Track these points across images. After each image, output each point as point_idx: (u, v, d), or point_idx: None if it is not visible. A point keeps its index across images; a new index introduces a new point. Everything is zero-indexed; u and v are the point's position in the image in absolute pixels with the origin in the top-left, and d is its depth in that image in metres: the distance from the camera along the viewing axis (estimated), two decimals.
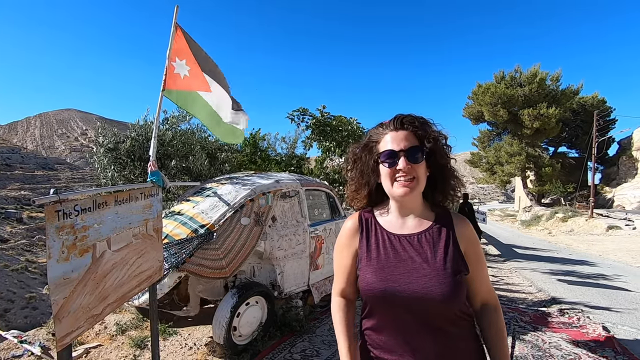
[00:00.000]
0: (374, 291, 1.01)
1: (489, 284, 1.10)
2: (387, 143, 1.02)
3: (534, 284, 6.45)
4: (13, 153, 40.22)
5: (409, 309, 0.98)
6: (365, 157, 1.09)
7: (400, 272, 1.00)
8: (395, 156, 1.00)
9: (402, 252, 1.03)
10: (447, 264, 0.98)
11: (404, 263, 1.01)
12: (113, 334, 3.48)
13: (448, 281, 0.96)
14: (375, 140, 1.06)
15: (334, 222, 4.38)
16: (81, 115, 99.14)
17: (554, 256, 10.87)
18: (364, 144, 1.10)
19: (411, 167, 0.99)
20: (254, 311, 3.15)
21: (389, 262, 1.03)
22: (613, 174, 30.31)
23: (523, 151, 28.17)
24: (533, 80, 27.04)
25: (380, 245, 1.06)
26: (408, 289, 0.97)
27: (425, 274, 0.98)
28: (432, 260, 1.00)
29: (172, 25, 2.82)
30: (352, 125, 7.51)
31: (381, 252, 1.05)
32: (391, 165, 1.01)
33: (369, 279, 1.03)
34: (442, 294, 0.95)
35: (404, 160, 0.99)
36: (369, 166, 1.08)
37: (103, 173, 4.85)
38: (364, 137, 1.13)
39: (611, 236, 16.63)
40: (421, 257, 1.01)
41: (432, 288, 0.96)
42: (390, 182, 1.02)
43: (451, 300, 0.96)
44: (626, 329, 4.11)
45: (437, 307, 0.96)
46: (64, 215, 1.62)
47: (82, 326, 1.75)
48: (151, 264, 2.41)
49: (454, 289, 0.96)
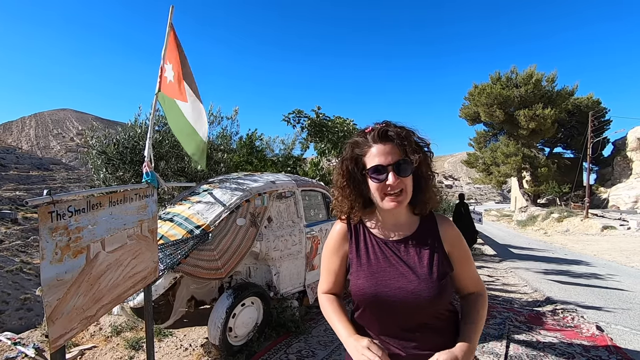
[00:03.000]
0: (366, 295, 1.06)
1: (475, 277, 1.16)
2: (374, 157, 1.02)
3: (529, 284, 6.48)
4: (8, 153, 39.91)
5: (399, 310, 1.04)
6: (352, 170, 1.08)
7: (391, 277, 1.05)
8: (384, 171, 1.00)
9: (391, 257, 1.08)
10: (434, 268, 1.04)
11: (393, 268, 1.06)
12: (108, 335, 3.47)
13: (435, 285, 1.02)
14: (361, 152, 1.06)
15: (330, 223, 4.39)
16: (77, 115, 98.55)
17: (550, 256, 10.94)
18: (350, 157, 1.08)
19: (400, 181, 1.00)
20: (249, 312, 3.15)
21: (379, 267, 1.08)
22: (608, 174, 30.55)
23: (519, 152, 28.35)
24: (529, 81, 27.23)
25: (370, 251, 1.10)
26: (399, 293, 1.03)
27: (413, 279, 1.03)
28: (419, 265, 1.05)
29: (167, 25, 2.80)
30: (348, 126, 7.52)
31: (371, 258, 1.09)
32: (380, 181, 1.01)
33: (361, 284, 1.07)
34: (429, 296, 1.01)
35: (393, 175, 0.99)
36: (356, 178, 1.08)
37: (97, 174, 4.83)
38: (347, 146, 1.10)
39: (606, 236, 16.77)
40: (409, 262, 1.06)
41: (421, 292, 1.01)
42: (379, 196, 1.03)
43: (438, 301, 1.03)
44: (619, 328, 4.15)
45: (425, 308, 1.04)
46: (58, 216, 1.62)
47: (76, 327, 1.75)
48: (146, 265, 2.41)
49: (441, 291, 1.02)
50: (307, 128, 7.49)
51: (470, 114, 31.27)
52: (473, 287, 1.16)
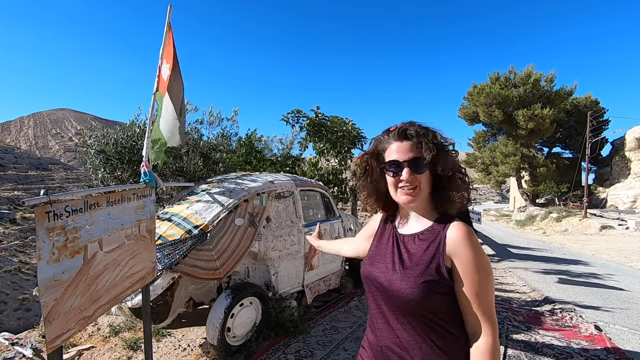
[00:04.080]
0: (363, 275, 1.18)
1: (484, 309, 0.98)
2: (393, 153, 1.08)
3: (527, 284, 6.50)
4: (6, 153, 39.81)
5: (380, 299, 1.11)
6: (373, 165, 1.17)
7: (384, 264, 1.11)
8: (399, 166, 1.06)
9: (394, 248, 1.13)
10: (421, 268, 1.03)
11: (390, 257, 1.12)
12: (106, 335, 3.46)
13: (417, 285, 1.01)
14: (382, 148, 1.13)
15: (328, 223, 4.39)
16: (75, 115, 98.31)
17: (548, 256, 10.96)
18: (372, 152, 1.16)
19: (414, 177, 1.05)
20: (248, 312, 3.14)
21: (380, 252, 1.16)
22: (606, 174, 30.61)
23: (518, 152, 28.37)
24: (527, 81, 27.24)
25: (384, 240, 1.19)
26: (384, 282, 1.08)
27: (400, 276, 1.05)
28: (409, 262, 1.06)
29: (165, 25, 2.80)
30: (347, 126, 7.52)
31: (382, 245, 1.18)
32: (395, 175, 1.08)
33: (364, 264, 1.20)
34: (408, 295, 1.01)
35: (408, 171, 1.05)
36: (377, 173, 1.16)
37: (95, 174, 4.81)
38: (372, 143, 1.19)
39: (604, 236, 16.80)
40: (404, 256, 1.08)
41: (401, 288, 1.03)
42: (394, 189, 1.10)
43: (417, 303, 1.01)
44: (618, 327, 4.16)
45: (406, 306, 1.03)
46: (55, 216, 1.61)
47: (73, 328, 1.74)
48: (144, 265, 2.40)
49: (421, 296, 1.00)
50: (305, 128, 7.49)
51: (469, 114, 31.28)
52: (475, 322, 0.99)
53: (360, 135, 8.07)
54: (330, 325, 3.75)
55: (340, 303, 4.47)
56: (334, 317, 3.98)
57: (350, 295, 4.77)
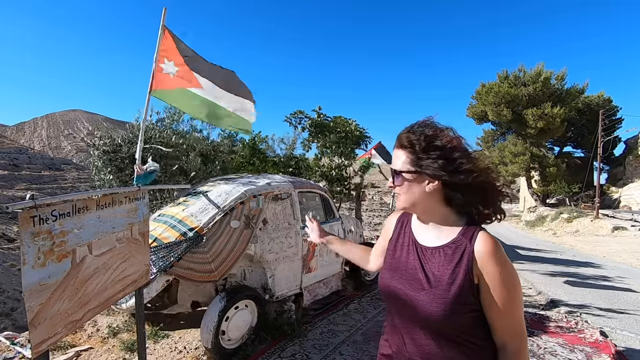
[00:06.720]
0: (381, 288, 1.15)
1: (511, 322, 0.97)
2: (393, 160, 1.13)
3: (534, 287, 6.37)
4: (20, 153, 40.67)
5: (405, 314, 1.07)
6: None
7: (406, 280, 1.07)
8: (394, 174, 1.09)
9: (414, 260, 1.08)
10: (450, 289, 0.97)
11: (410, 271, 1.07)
12: (105, 336, 3.48)
13: (447, 307, 0.96)
14: None
15: (327, 225, 4.36)
16: (87, 116, 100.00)
17: (558, 258, 10.75)
18: None
19: (398, 187, 1.07)
20: (243, 315, 3.13)
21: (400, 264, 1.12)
22: (619, 174, 29.94)
23: (527, 151, 27.93)
24: (537, 80, 26.79)
25: (398, 247, 1.16)
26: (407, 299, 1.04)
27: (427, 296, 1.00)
28: (435, 280, 1.00)
29: (160, 27, 2.82)
30: (350, 126, 7.47)
31: (397, 254, 1.15)
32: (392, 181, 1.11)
33: (382, 275, 1.17)
34: (440, 317, 0.97)
35: (393, 180, 1.09)
36: None
37: (97, 175, 4.86)
38: None
39: (617, 237, 16.41)
40: (429, 273, 1.03)
41: (428, 308, 0.99)
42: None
43: (444, 323, 0.97)
44: (625, 333, 4.04)
45: (431, 323, 1.00)
46: (40, 220, 1.61)
47: (60, 332, 1.74)
48: (136, 268, 2.40)
49: (451, 315, 0.96)
50: (308, 128, 7.47)
51: (477, 113, 30.89)
52: (505, 336, 0.98)
53: (364, 135, 8.01)
54: (327, 328, 3.72)
55: (340, 306, 4.43)
56: (332, 320, 3.94)
57: (350, 298, 4.73)
